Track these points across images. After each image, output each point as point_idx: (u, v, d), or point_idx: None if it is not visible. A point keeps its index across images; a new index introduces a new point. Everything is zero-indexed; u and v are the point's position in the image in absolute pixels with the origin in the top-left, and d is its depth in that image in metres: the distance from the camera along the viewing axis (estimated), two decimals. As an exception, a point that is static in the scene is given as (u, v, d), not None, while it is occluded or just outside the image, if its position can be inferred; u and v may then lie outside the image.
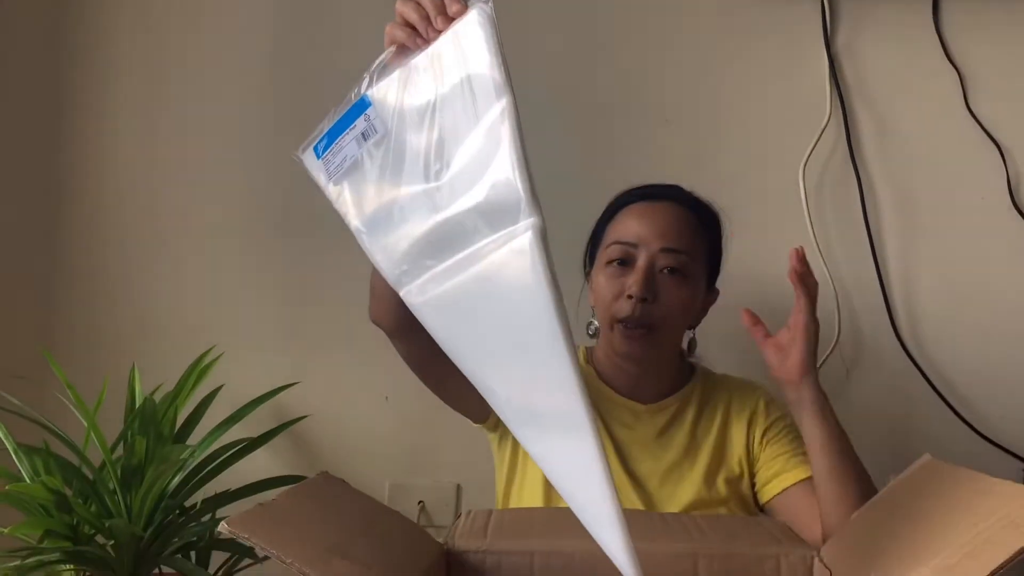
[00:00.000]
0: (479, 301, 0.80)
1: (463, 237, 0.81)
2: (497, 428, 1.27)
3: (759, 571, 0.93)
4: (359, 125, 0.89)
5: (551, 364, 0.76)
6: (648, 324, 1.18)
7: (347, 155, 0.89)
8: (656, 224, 1.20)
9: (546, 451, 0.79)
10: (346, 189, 0.89)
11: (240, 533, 0.69)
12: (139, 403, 1.27)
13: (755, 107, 1.56)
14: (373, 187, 0.87)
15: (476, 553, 0.93)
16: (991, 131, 1.53)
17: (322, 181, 0.91)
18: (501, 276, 0.78)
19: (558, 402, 0.77)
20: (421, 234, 0.83)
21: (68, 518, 1.12)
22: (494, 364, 0.80)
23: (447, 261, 0.82)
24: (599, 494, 0.76)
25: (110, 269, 1.58)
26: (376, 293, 1.12)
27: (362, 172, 0.88)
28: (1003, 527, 0.75)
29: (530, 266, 0.77)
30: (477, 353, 0.81)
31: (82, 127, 1.59)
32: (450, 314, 0.82)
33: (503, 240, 0.78)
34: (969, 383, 1.52)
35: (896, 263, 1.54)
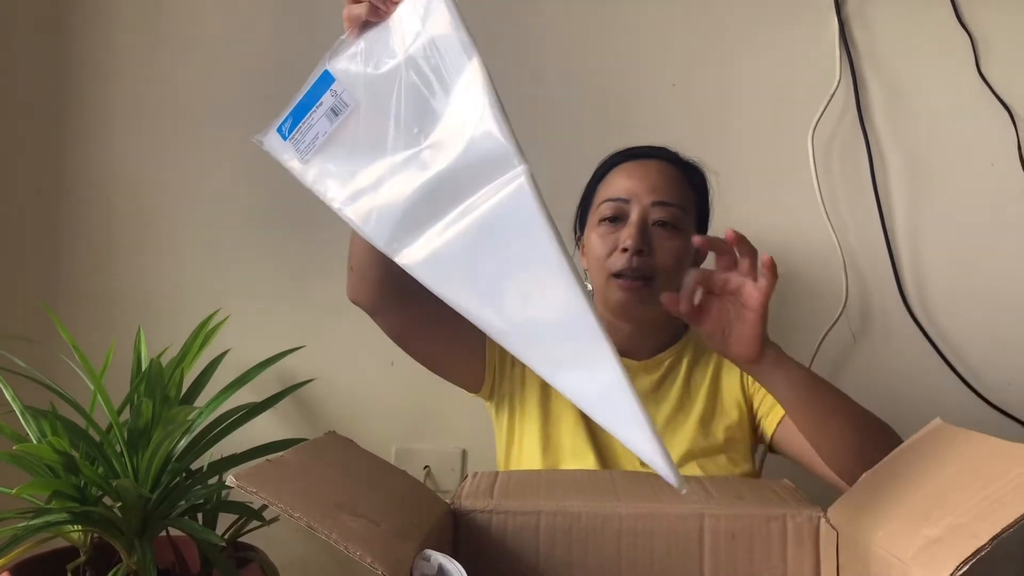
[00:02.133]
0: (479, 249, 0.81)
1: (454, 194, 0.82)
2: (492, 397, 1.28)
3: (766, 532, 0.93)
4: (327, 101, 0.90)
5: (559, 293, 0.78)
6: (644, 275, 1.19)
7: (318, 132, 0.90)
8: (647, 179, 1.21)
9: (569, 380, 0.80)
10: (322, 166, 0.90)
11: (248, 487, 0.69)
12: (145, 366, 1.27)
13: (764, 71, 1.55)
14: (351, 160, 0.88)
15: (482, 513, 0.93)
16: (1002, 96, 1.51)
17: (291, 162, 0.92)
18: (499, 221, 0.80)
19: (572, 328, 0.79)
20: (411, 198, 0.84)
21: (75, 479, 1.12)
22: (503, 306, 0.81)
23: (442, 219, 0.83)
24: (628, 407, 0.78)
25: (116, 232, 1.58)
26: (355, 271, 1.14)
27: (336, 147, 0.89)
28: (1013, 488, 0.75)
29: (526, 206, 0.79)
30: (484, 300, 0.82)
31: (86, 93, 1.59)
32: (451, 267, 0.83)
33: (495, 190, 0.80)
34: (977, 350, 1.51)
35: (904, 229, 1.53)
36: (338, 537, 0.70)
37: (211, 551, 1.13)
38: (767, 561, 0.92)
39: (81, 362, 1.23)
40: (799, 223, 1.53)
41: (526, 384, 1.25)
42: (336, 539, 0.69)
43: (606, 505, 0.93)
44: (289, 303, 1.56)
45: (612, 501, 0.94)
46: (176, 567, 1.19)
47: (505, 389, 1.26)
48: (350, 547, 0.69)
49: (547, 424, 1.23)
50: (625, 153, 1.27)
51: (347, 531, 0.71)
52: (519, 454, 1.26)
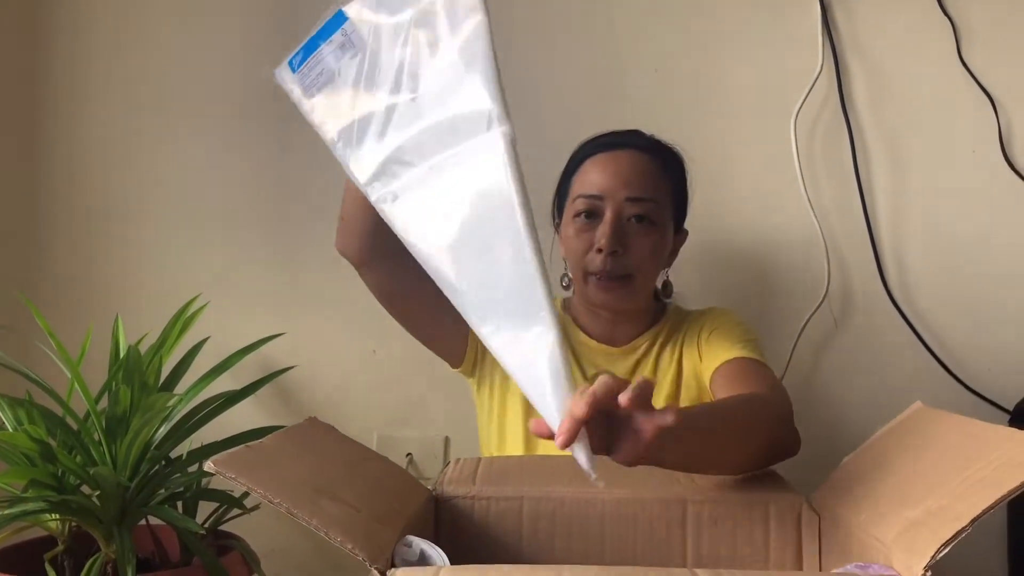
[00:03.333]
0: (449, 202, 0.83)
1: (435, 146, 0.84)
2: (474, 373, 1.28)
3: (748, 516, 0.93)
4: (336, 39, 0.92)
5: (516, 258, 0.79)
6: (621, 275, 1.19)
7: (324, 68, 0.92)
8: (619, 174, 1.20)
9: (506, 344, 0.81)
10: (322, 101, 0.92)
11: (226, 473, 0.68)
12: (123, 353, 1.25)
13: (746, 58, 1.54)
14: (349, 99, 0.90)
15: (465, 499, 0.93)
16: (984, 83, 1.51)
17: (296, 94, 0.94)
18: (471, 177, 0.82)
19: (521, 294, 0.79)
20: (395, 144, 0.86)
21: (52, 468, 1.11)
22: (460, 261, 0.82)
23: (419, 166, 0.85)
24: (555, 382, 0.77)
25: (93, 218, 1.56)
26: (345, 221, 1.14)
27: (338, 84, 0.91)
28: (993, 470, 0.76)
29: (500, 167, 0.80)
30: (444, 252, 0.83)
31: (60, 80, 1.57)
32: (420, 216, 0.85)
33: (474, 147, 0.82)
34: (957, 336, 1.52)
35: (886, 215, 1.53)
36: (318, 523, 0.69)
37: (191, 539, 1.13)
38: (749, 546, 0.93)
39: (58, 350, 1.22)
40: (781, 209, 1.53)
41: None
42: (316, 525, 0.69)
43: (589, 490, 0.93)
44: (270, 290, 1.54)
45: (595, 487, 0.94)
46: (156, 556, 1.18)
47: (487, 368, 1.26)
48: (330, 533, 0.69)
49: (530, 410, 1.23)
50: (597, 142, 1.25)
51: (327, 517, 0.71)
52: (502, 434, 1.26)
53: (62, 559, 1.13)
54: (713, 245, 1.53)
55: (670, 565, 0.89)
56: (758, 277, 1.54)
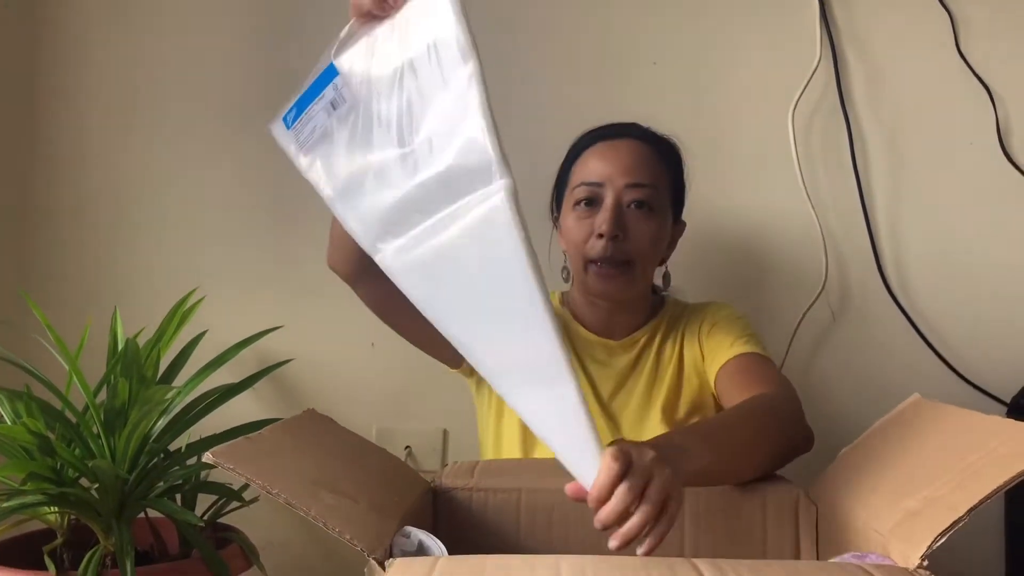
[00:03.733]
0: (454, 262, 0.81)
1: (436, 201, 0.82)
2: (473, 374, 1.29)
3: (746, 507, 0.93)
4: (327, 94, 0.90)
5: (529, 320, 0.78)
6: (622, 260, 1.19)
7: (316, 125, 0.91)
8: (619, 161, 1.21)
9: (526, 402, 0.81)
10: (317, 159, 0.91)
11: (225, 464, 0.68)
12: (121, 346, 1.25)
13: (744, 50, 1.54)
14: (344, 155, 0.88)
15: (463, 490, 0.93)
16: (981, 75, 1.51)
17: (292, 152, 0.93)
18: (476, 237, 0.80)
19: (538, 355, 0.78)
20: (394, 200, 0.84)
21: (51, 461, 1.11)
22: (471, 323, 0.82)
23: (421, 225, 0.83)
24: (582, 439, 0.78)
25: (91, 212, 1.56)
26: (334, 241, 1.14)
27: (332, 141, 0.89)
28: (990, 460, 0.76)
29: (504, 226, 0.78)
30: (453, 313, 0.82)
31: (58, 73, 1.56)
32: (426, 276, 0.83)
33: (476, 202, 0.80)
34: (954, 328, 1.52)
35: (884, 208, 1.53)
36: (316, 513, 0.69)
37: (190, 532, 1.13)
38: (747, 537, 0.93)
39: (56, 343, 1.22)
40: (779, 202, 1.53)
41: None
42: (315, 515, 0.69)
43: (587, 482, 0.93)
44: (268, 283, 1.54)
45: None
46: (155, 548, 1.18)
47: None
48: (329, 523, 0.69)
49: None
50: (597, 133, 1.26)
51: (325, 507, 0.71)
52: (499, 431, 1.26)
53: (61, 552, 1.13)
54: (711, 238, 1.53)
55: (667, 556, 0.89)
56: (756, 270, 1.54)
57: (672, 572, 0.62)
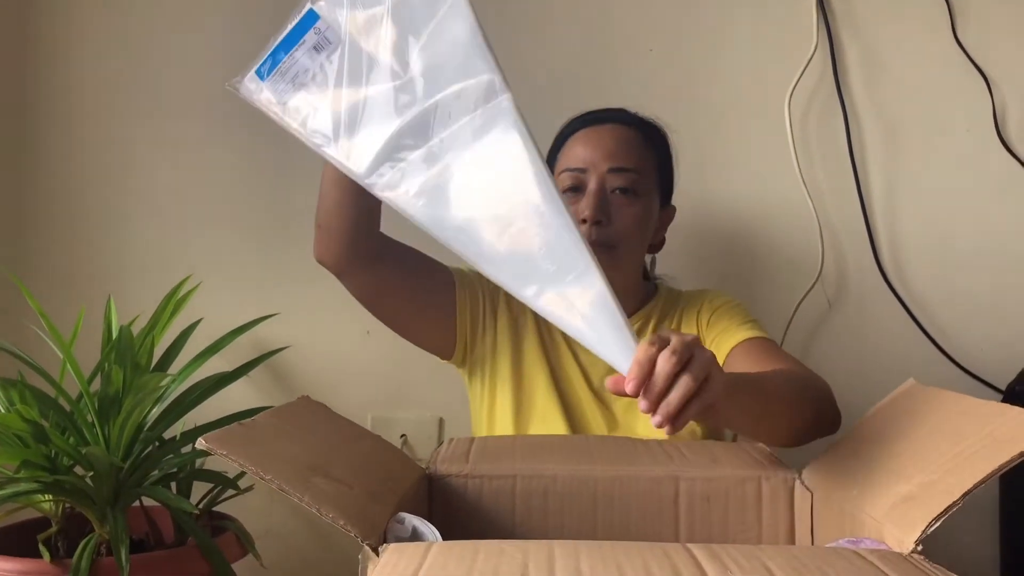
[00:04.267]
0: (465, 178, 0.82)
1: (439, 123, 0.83)
2: (465, 364, 1.28)
3: (740, 493, 0.93)
4: (309, 39, 0.89)
5: (545, 217, 0.80)
6: (606, 244, 1.19)
7: (299, 70, 0.89)
8: (602, 146, 1.21)
9: (551, 303, 0.82)
10: (299, 103, 0.89)
11: (218, 450, 0.68)
12: (116, 334, 1.25)
13: (740, 36, 1.54)
14: (331, 95, 0.88)
15: (458, 477, 0.93)
16: (978, 62, 1.51)
17: (267, 102, 0.91)
18: (484, 147, 0.82)
19: (558, 250, 0.80)
20: (394, 129, 0.85)
21: (45, 449, 1.11)
22: (486, 235, 0.82)
23: (424, 147, 0.84)
24: (613, 326, 0.79)
25: (85, 198, 1.55)
26: (322, 228, 1.12)
27: (317, 83, 0.89)
28: (984, 445, 0.76)
29: (511, 131, 0.81)
30: (467, 228, 0.83)
31: (50, 61, 1.55)
32: (435, 198, 0.84)
33: (481, 116, 0.82)
34: (950, 315, 1.52)
35: (880, 195, 1.53)
36: (310, 500, 0.69)
37: (185, 520, 1.13)
38: (742, 523, 0.93)
39: (50, 331, 1.21)
40: (776, 189, 1.52)
41: (498, 352, 1.24)
42: (308, 501, 0.69)
43: (582, 468, 0.93)
44: (263, 270, 1.54)
45: (588, 464, 0.94)
46: (150, 537, 1.18)
47: (477, 356, 1.26)
48: (322, 509, 0.69)
49: (519, 391, 1.24)
50: (581, 119, 1.26)
51: (319, 494, 0.70)
52: (492, 420, 1.26)
53: (56, 540, 1.13)
54: (707, 226, 1.52)
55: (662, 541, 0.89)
56: (752, 257, 1.54)
57: (667, 558, 0.62)
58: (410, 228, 1.13)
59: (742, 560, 0.61)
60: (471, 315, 1.23)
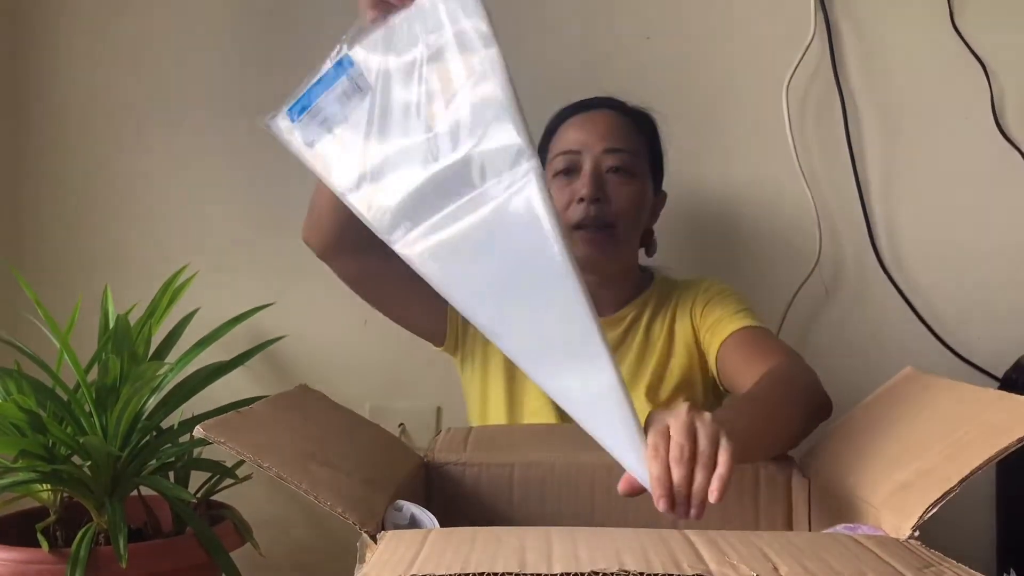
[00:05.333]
0: (483, 244, 0.81)
1: (461, 185, 0.82)
2: (457, 353, 1.28)
3: (739, 481, 0.93)
4: (341, 85, 0.89)
5: (562, 296, 0.79)
6: (604, 223, 1.20)
7: (328, 115, 0.89)
8: (596, 129, 1.23)
9: (562, 386, 0.81)
10: (327, 150, 0.89)
11: (215, 438, 0.68)
12: (112, 324, 1.25)
13: (738, 24, 1.53)
14: (359, 145, 0.87)
15: (456, 465, 0.93)
16: (976, 49, 1.50)
17: (297, 145, 0.90)
18: (505, 217, 0.80)
19: (572, 332, 0.79)
20: (416, 185, 0.84)
21: (43, 439, 1.11)
22: (502, 305, 0.82)
23: (446, 209, 0.83)
24: (620, 418, 0.78)
25: (81, 188, 1.55)
26: (314, 213, 1.14)
27: (346, 131, 0.88)
28: (981, 432, 0.76)
29: (535, 204, 0.79)
30: (483, 297, 0.82)
31: (45, 50, 1.55)
32: (451, 260, 0.83)
33: (505, 184, 0.80)
34: (948, 304, 1.52)
35: (878, 183, 1.53)
36: (308, 487, 0.69)
37: (183, 509, 1.13)
38: (740, 509, 0.93)
39: (46, 321, 1.21)
40: (773, 178, 1.52)
41: (489, 343, 1.24)
42: (305, 489, 0.69)
43: (580, 456, 0.93)
44: (260, 260, 1.53)
45: (586, 452, 0.94)
46: (148, 526, 1.18)
47: (469, 347, 1.26)
48: (320, 497, 0.69)
49: (512, 381, 1.24)
50: (572, 107, 1.28)
51: (317, 481, 0.71)
52: (485, 411, 1.27)
53: (54, 529, 1.13)
54: (705, 214, 1.52)
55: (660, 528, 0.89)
56: (749, 245, 1.53)
57: (665, 544, 0.62)
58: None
59: (739, 546, 0.61)
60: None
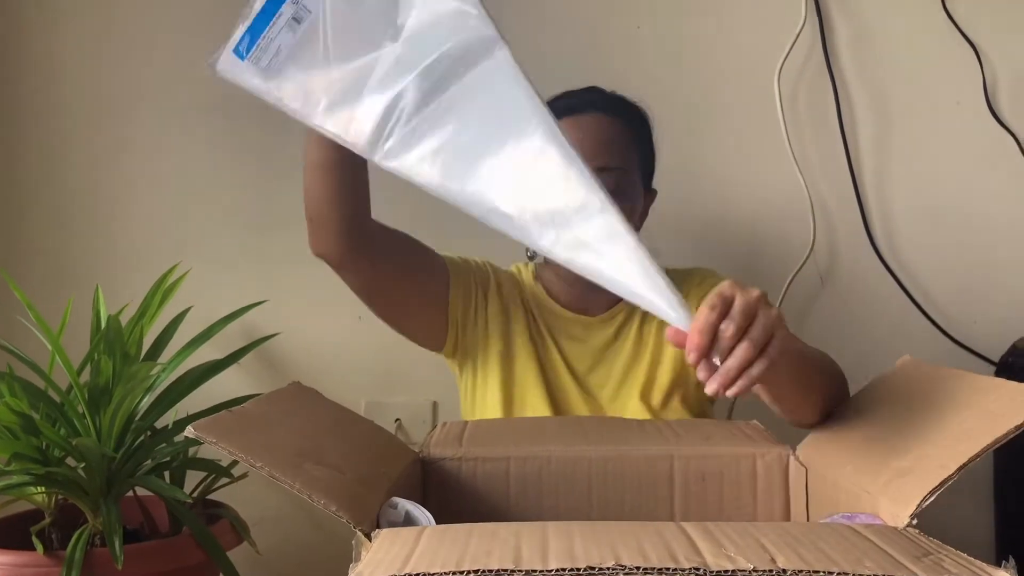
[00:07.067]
0: (470, 135, 0.81)
1: (437, 85, 0.82)
2: (455, 354, 1.26)
3: (735, 471, 0.93)
4: (286, 11, 0.85)
5: (553, 161, 0.80)
6: None
7: (280, 45, 0.86)
8: (585, 144, 1.15)
9: (570, 249, 0.80)
10: (289, 81, 0.86)
11: (207, 438, 0.67)
12: (104, 324, 1.24)
13: (729, 12, 1.52)
14: (322, 69, 0.85)
15: (451, 460, 0.92)
16: (968, 34, 1.50)
17: (253, 82, 0.87)
18: (486, 105, 0.81)
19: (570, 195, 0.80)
20: (391, 97, 0.82)
21: (36, 441, 1.10)
22: (497, 187, 0.81)
23: (425, 110, 0.82)
24: (632, 258, 0.79)
25: (71, 187, 1.54)
26: (313, 222, 1.09)
27: (304, 58, 0.85)
28: (980, 419, 0.76)
29: (513, 84, 0.81)
30: (477, 185, 0.81)
31: (38, 43, 1.53)
32: (442, 159, 0.82)
33: (481, 74, 0.81)
34: (942, 289, 1.52)
35: (871, 170, 1.52)
36: (301, 486, 0.68)
37: (179, 509, 1.12)
38: (737, 500, 0.93)
39: (37, 322, 1.20)
40: (766, 166, 1.52)
41: (488, 342, 1.23)
42: (299, 488, 0.68)
43: (575, 449, 0.93)
44: (252, 257, 1.52)
45: (581, 445, 0.94)
46: (144, 527, 1.18)
47: (468, 346, 1.25)
48: (314, 496, 0.68)
49: (508, 380, 1.23)
50: (563, 105, 1.20)
51: (311, 480, 0.70)
52: (482, 410, 1.25)
53: (49, 532, 1.12)
54: (697, 203, 1.52)
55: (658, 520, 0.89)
56: (743, 234, 1.53)
57: (661, 536, 0.62)
58: (402, 217, 1.14)
59: (736, 538, 0.61)
60: (463, 305, 1.22)
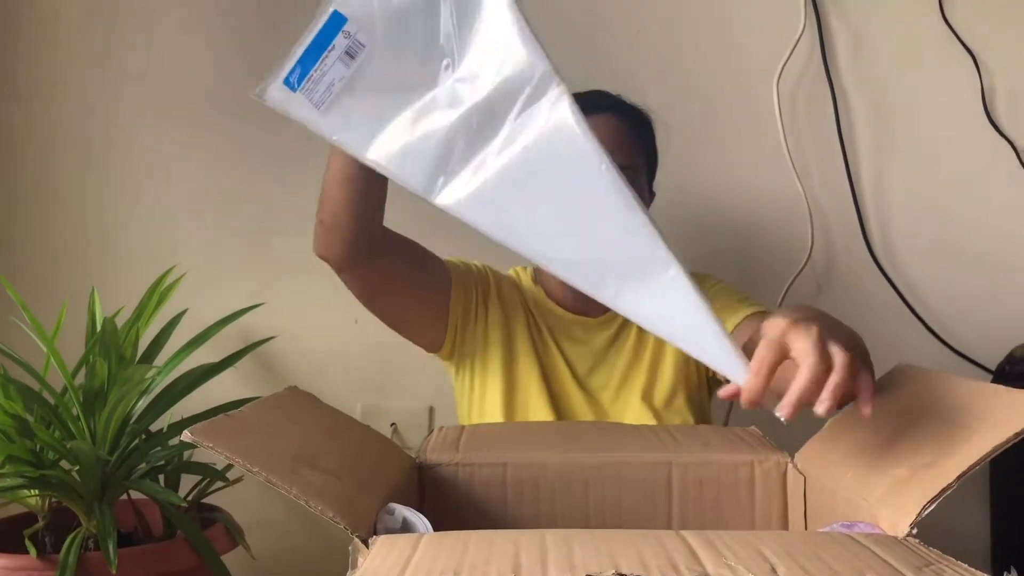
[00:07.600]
0: (526, 177, 0.80)
1: (492, 124, 0.80)
2: (453, 356, 1.26)
3: (733, 478, 0.93)
4: (339, 44, 0.84)
5: (616, 211, 0.78)
6: None
7: (334, 78, 0.84)
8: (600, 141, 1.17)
9: (631, 302, 0.80)
10: (342, 115, 0.84)
11: (203, 442, 0.67)
12: (100, 327, 1.23)
13: (728, 19, 1.53)
14: (376, 104, 0.83)
15: (448, 466, 0.92)
16: (966, 41, 1.50)
17: (304, 113, 0.85)
18: (545, 144, 0.79)
19: (634, 245, 0.78)
20: (446, 135, 0.81)
21: (30, 443, 1.09)
22: (556, 233, 0.80)
23: (482, 152, 0.81)
24: (699, 318, 0.78)
25: (67, 189, 1.53)
26: (324, 224, 1.08)
27: (358, 92, 0.84)
28: (978, 426, 0.75)
29: (572, 124, 0.78)
30: (536, 229, 0.80)
31: (33, 44, 1.53)
32: (498, 200, 0.80)
33: (536, 112, 0.79)
34: (940, 297, 1.52)
35: (869, 176, 1.52)
36: (298, 492, 0.68)
37: (173, 513, 1.12)
38: (735, 507, 0.92)
39: (32, 324, 1.20)
40: (764, 172, 1.52)
41: (489, 345, 1.23)
42: (296, 494, 0.68)
43: (573, 455, 0.92)
44: (248, 260, 1.52)
45: (579, 451, 0.93)
46: (138, 530, 1.17)
47: (467, 349, 1.24)
48: (310, 502, 0.67)
49: (510, 384, 1.22)
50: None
51: (307, 485, 0.69)
52: (481, 413, 1.25)
53: (43, 535, 1.12)
54: (695, 207, 1.52)
55: (655, 528, 0.88)
56: (741, 240, 1.53)
57: (661, 545, 0.61)
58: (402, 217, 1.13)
59: (737, 547, 0.61)
60: (463, 308, 1.22)
